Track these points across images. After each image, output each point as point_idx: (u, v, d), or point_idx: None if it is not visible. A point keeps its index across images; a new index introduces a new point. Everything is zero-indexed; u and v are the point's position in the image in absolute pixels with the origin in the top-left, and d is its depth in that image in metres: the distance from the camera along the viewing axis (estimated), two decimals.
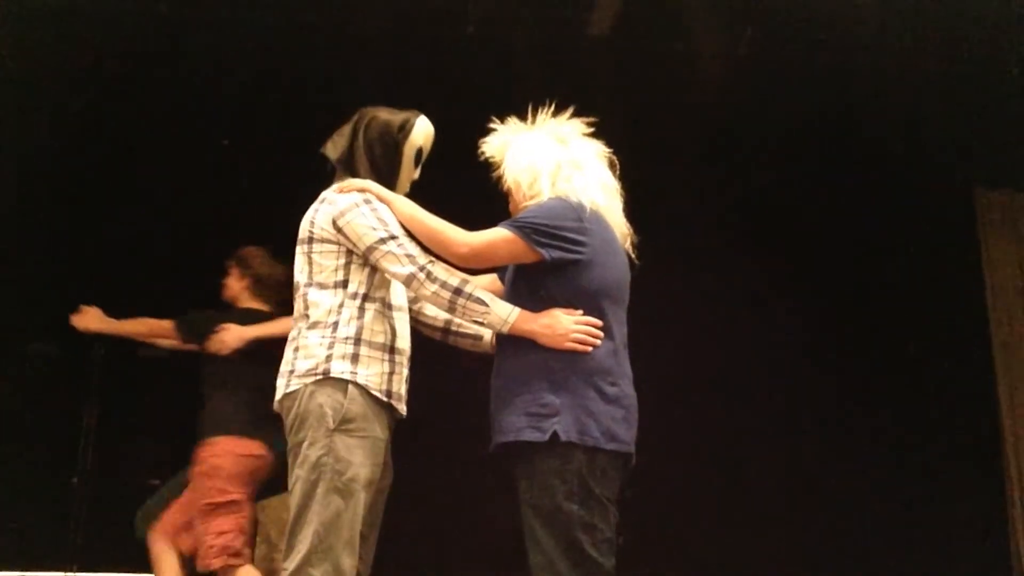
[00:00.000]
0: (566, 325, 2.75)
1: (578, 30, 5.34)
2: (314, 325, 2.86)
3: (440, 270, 2.83)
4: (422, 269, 2.81)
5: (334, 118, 3.36)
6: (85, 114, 5.73)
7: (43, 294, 5.58)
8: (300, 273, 2.95)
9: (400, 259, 2.82)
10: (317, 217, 2.94)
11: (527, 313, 2.80)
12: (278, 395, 2.89)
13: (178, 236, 6.19)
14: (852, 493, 6.17)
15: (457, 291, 2.81)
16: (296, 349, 2.88)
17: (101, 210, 6.14)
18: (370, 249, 2.85)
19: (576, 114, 3.05)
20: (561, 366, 2.75)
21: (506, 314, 2.80)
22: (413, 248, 2.86)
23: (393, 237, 2.85)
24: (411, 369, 3.03)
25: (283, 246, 3.08)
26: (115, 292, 6.02)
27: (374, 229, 2.85)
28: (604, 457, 2.73)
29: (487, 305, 2.81)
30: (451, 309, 2.83)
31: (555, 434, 2.69)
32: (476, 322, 2.94)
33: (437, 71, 5.48)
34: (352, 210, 2.88)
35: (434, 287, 2.81)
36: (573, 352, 2.74)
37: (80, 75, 5.45)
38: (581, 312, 2.78)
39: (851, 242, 6.48)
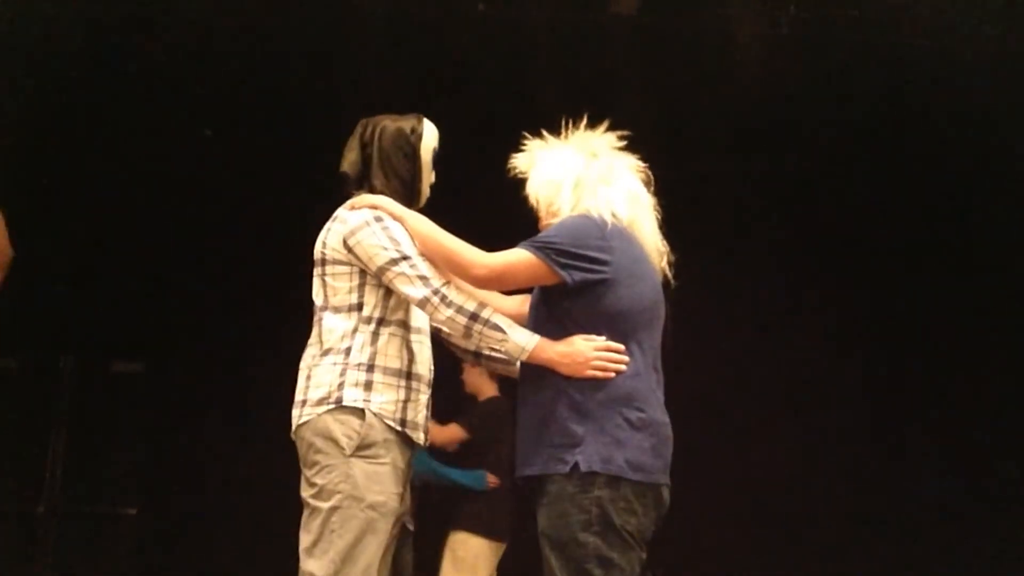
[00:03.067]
0: (585, 353, 2.81)
1: (600, 8, 5.31)
2: (327, 351, 2.94)
3: (456, 294, 2.90)
4: (436, 292, 2.89)
5: (331, 106, 3.33)
6: (53, 102, 5.71)
7: None
8: (316, 296, 3.04)
9: (413, 281, 2.90)
10: (328, 237, 3.00)
11: (546, 341, 2.86)
12: (293, 426, 2.96)
13: (153, 238, 6.16)
14: (912, 516, 6.15)
15: (473, 316, 2.88)
16: (308, 377, 2.96)
17: (71, 210, 6.13)
18: (381, 270, 2.92)
19: (606, 117, 3.08)
20: (584, 395, 2.80)
21: (524, 342, 2.86)
22: (427, 269, 2.92)
23: (405, 257, 2.92)
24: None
25: (274, 246, 3.03)
26: (89, 296, 6.03)
27: (385, 249, 2.92)
28: (628, 488, 2.74)
29: (504, 332, 2.87)
30: (467, 336, 2.91)
31: (576, 464, 2.74)
32: (493, 349, 3.01)
33: (444, 52, 5.45)
34: (363, 229, 2.95)
35: (449, 312, 2.88)
36: (596, 379, 2.80)
37: (48, 57, 5.41)
38: (604, 337, 2.83)
39: (907, 245, 6.38)
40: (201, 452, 6.14)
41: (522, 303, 3.14)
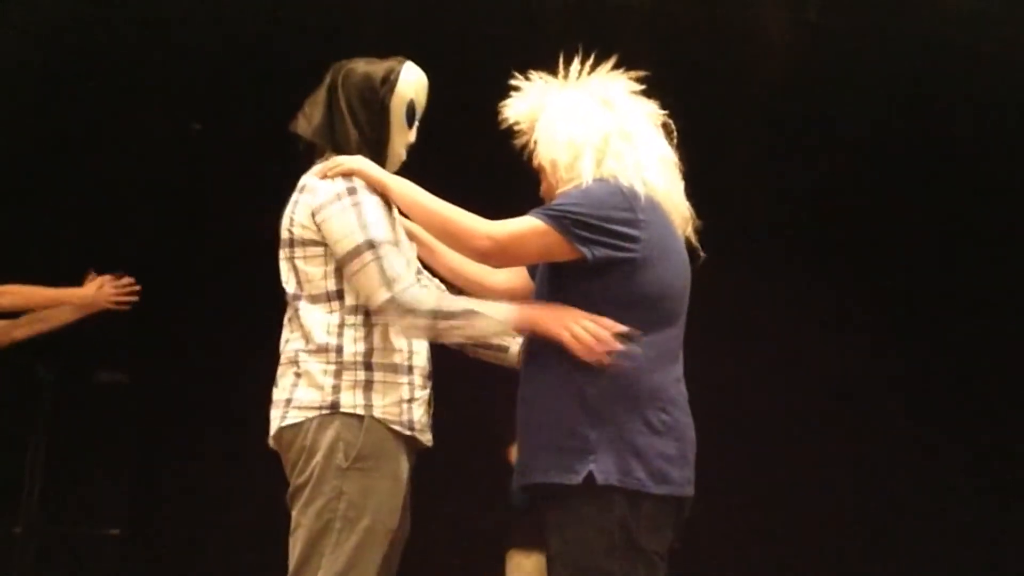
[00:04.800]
0: (573, 314, 2.60)
1: None
2: (315, 349, 2.74)
3: (411, 295, 2.65)
4: (393, 299, 2.65)
5: None
6: (34, 94, 5.71)
7: None
8: (286, 284, 2.81)
9: (374, 280, 2.66)
10: (297, 212, 2.77)
11: (524, 306, 2.69)
12: (272, 428, 2.78)
13: (139, 237, 6.16)
14: (951, 540, 6.15)
15: (434, 313, 2.66)
16: (297, 375, 2.76)
17: (51, 212, 6.13)
18: (344, 259, 2.69)
19: (619, 69, 2.87)
20: (599, 391, 2.60)
21: (502, 315, 2.67)
22: (397, 262, 2.69)
23: (372, 246, 2.67)
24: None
25: (266, 249, 2.98)
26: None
27: (352, 233, 2.68)
28: (651, 503, 2.58)
29: (476, 313, 2.67)
30: (436, 336, 2.72)
31: (590, 476, 2.56)
32: (477, 339, 2.83)
33: (449, 39, 5.42)
34: (332, 204, 2.71)
35: (406, 320, 2.66)
36: (614, 375, 2.58)
37: (29, 49, 5.42)
38: (612, 320, 2.61)
39: (947, 251, 6.35)
40: (189, 468, 6.13)
41: (516, 275, 2.98)
